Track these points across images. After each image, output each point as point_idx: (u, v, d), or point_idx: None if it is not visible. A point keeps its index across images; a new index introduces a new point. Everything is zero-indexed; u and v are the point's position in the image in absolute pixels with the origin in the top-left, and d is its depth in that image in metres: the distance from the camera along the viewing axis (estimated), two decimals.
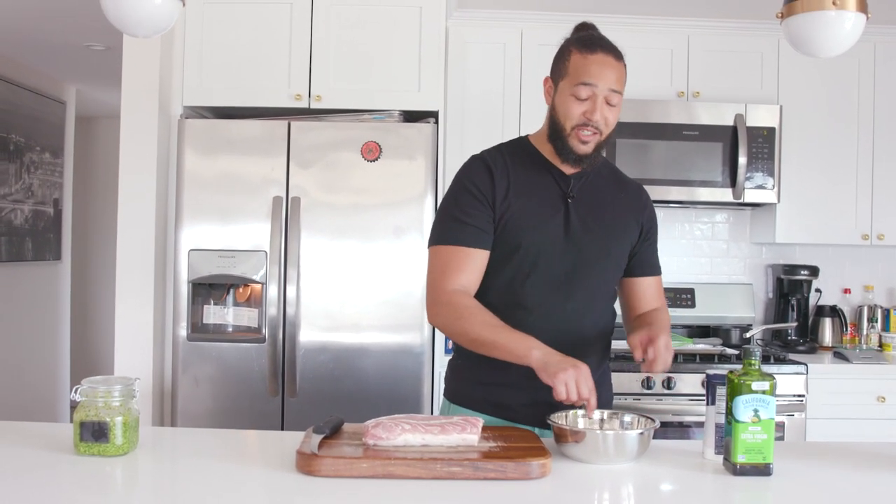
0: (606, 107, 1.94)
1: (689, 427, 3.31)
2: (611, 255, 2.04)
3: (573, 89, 1.93)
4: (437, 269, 1.98)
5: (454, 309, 1.93)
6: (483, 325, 1.89)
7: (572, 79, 1.93)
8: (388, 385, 3.27)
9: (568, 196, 2.02)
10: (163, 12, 1.97)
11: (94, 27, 4.26)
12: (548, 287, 1.99)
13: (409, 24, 3.42)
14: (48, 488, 1.50)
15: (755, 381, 1.64)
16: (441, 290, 1.95)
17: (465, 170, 2.04)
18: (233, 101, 3.43)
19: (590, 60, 1.92)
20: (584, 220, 2.01)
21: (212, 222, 3.28)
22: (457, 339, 1.97)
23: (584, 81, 1.91)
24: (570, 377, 1.74)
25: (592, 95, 1.92)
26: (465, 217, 1.97)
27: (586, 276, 2.01)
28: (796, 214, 3.80)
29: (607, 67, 1.92)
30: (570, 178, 2.03)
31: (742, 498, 1.57)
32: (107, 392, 1.69)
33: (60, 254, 5.91)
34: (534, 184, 2.01)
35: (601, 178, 2.08)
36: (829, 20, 1.92)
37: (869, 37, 3.37)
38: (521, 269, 1.99)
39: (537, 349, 1.82)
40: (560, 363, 1.77)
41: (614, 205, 2.07)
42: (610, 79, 1.92)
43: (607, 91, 1.92)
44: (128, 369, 3.30)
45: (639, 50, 3.74)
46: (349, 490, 1.50)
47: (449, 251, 1.97)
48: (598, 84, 1.91)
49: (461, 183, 2.01)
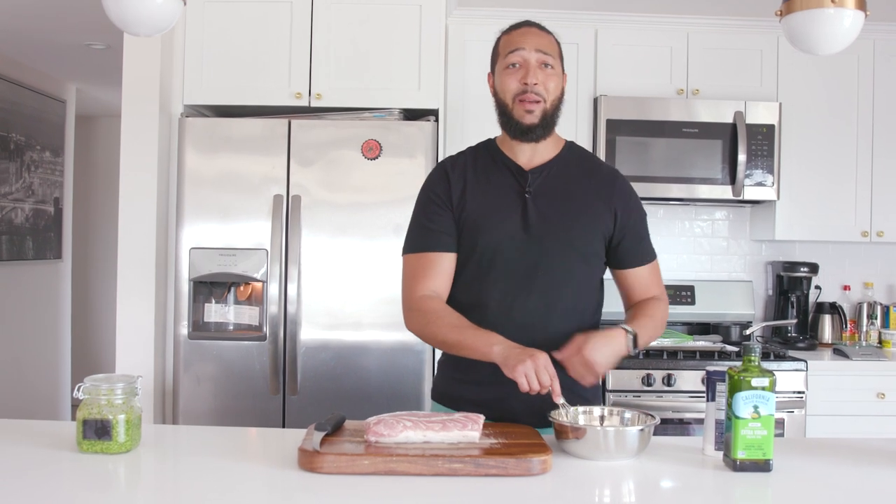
0: (542, 71, 1.97)
1: (690, 424, 3.32)
2: (575, 247, 2.00)
3: (505, 61, 2.00)
4: (407, 276, 2.05)
5: (423, 314, 1.98)
6: (449, 327, 1.93)
7: (502, 55, 2.01)
8: (389, 383, 3.27)
9: (525, 191, 2.00)
10: (164, 11, 1.97)
11: (94, 26, 4.26)
12: (508, 284, 1.98)
13: (408, 22, 3.42)
14: (51, 486, 1.51)
15: (755, 377, 1.65)
16: (410, 296, 2.02)
17: (428, 178, 2.12)
18: (233, 100, 3.44)
19: (513, 34, 2.02)
20: (544, 214, 1.99)
21: (213, 221, 3.29)
22: (430, 342, 2.02)
23: (511, 49, 1.98)
24: (528, 368, 1.76)
25: (523, 61, 1.98)
26: (427, 223, 2.03)
27: (549, 271, 1.99)
28: (796, 211, 3.81)
29: (531, 34, 2.00)
30: (528, 173, 2.02)
31: (742, 494, 1.58)
32: (109, 390, 1.70)
33: (61, 253, 5.92)
34: (491, 182, 2.03)
35: (568, 170, 2.05)
36: (828, 17, 1.92)
37: (868, 34, 3.37)
38: (479, 267, 2.00)
39: (498, 345, 1.84)
40: (518, 356, 1.79)
41: (582, 196, 2.03)
42: (535, 42, 1.98)
43: (537, 54, 1.97)
44: (129, 368, 3.31)
45: (638, 47, 3.76)
46: (351, 487, 1.51)
47: (415, 258, 2.04)
48: (525, 46, 1.97)
49: (424, 191, 2.09)
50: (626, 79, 3.77)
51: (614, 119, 3.65)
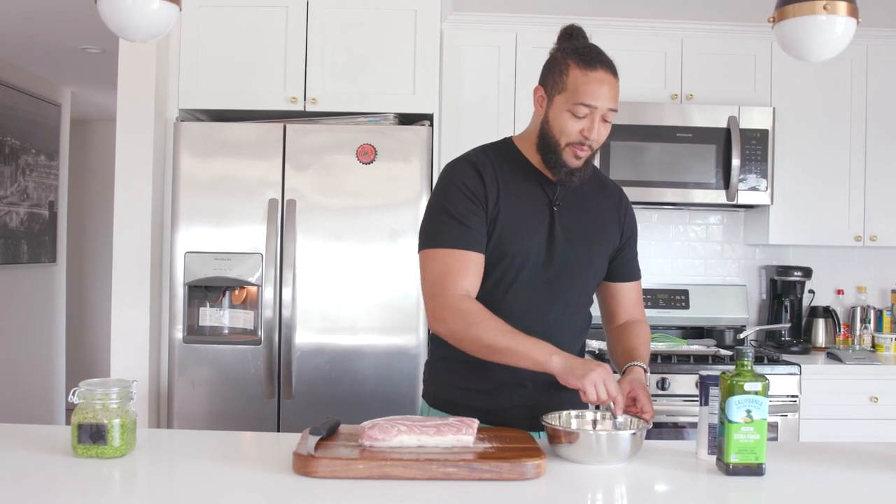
0: (602, 124, 1.91)
1: (684, 428, 3.32)
2: (593, 263, 2.03)
3: (571, 107, 1.88)
4: (439, 272, 1.90)
5: (465, 315, 1.86)
6: (497, 331, 1.83)
7: (571, 96, 1.88)
8: (383, 387, 3.28)
9: (554, 204, 1.99)
10: (160, 17, 1.97)
11: (89, 30, 4.26)
12: (529, 296, 1.97)
13: (403, 27, 3.43)
14: (46, 490, 1.51)
15: (748, 381, 1.66)
16: (448, 294, 1.87)
17: (454, 172, 1.98)
18: (228, 104, 3.44)
19: (591, 78, 1.87)
20: (567, 228, 1.99)
21: (208, 225, 3.29)
22: (466, 345, 1.88)
23: (585, 102, 1.87)
24: (597, 378, 1.77)
25: (591, 114, 1.89)
26: (462, 219, 1.90)
27: (568, 285, 1.99)
28: (789, 216, 3.82)
29: (607, 86, 1.88)
30: (556, 185, 2.00)
31: (735, 498, 1.59)
32: (104, 394, 1.70)
33: (56, 256, 5.91)
34: (521, 190, 1.97)
35: (584, 183, 2.03)
36: (820, 24, 1.93)
37: (861, 40, 3.39)
38: (505, 276, 1.96)
39: (557, 355, 1.82)
40: (584, 365, 1.79)
41: (597, 210, 2.05)
42: (609, 97, 1.89)
43: (605, 110, 1.89)
44: (124, 372, 3.30)
45: (633, 52, 3.76)
46: (345, 491, 1.51)
47: (450, 254, 1.89)
48: (599, 105, 1.88)
49: (453, 184, 1.94)
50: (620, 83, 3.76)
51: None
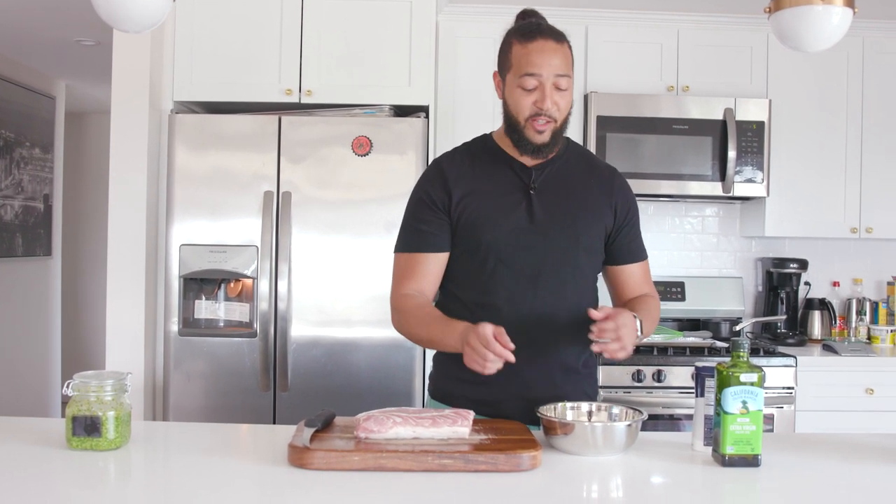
0: (556, 92, 1.92)
1: (680, 420, 3.33)
2: (580, 243, 2.01)
3: (519, 81, 1.92)
4: (394, 276, 2.06)
5: (401, 313, 2.01)
6: (420, 323, 1.96)
7: (516, 70, 1.92)
8: (379, 379, 3.27)
9: (530, 188, 2.00)
10: (153, 7, 1.96)
11: (83, 22, 4.24)
12: (515, 280, 1.98)
13: (399, 18, 3.42)
14: (41, 483, 1.51)
15: (743, 372, 1.66)
16: (393, 295, 2.04)
17: (422, 177, 2.09)
18: (223, 97, 3.43)
19: (530, 49, 1.90)
20: (550, 210, 1.99)
21: (203, 217, 3.28)
22: (410, 339, 2.04)
23: (528, 72, 1.90)
24: (471, 361, 1.75)
25: (539, 84, 1.90)
26: (416, 223, 2.02)
27: (556, 266, 1.99)
28: (785, 208, 3.82)
29: (548, 53, 1.90)
30: (532, 169, 2.01)
31: (731, 489, 1.59)
32: (99, 386, 1.69)
33: (51, 249, 5.90)
34: (493, 180, 2.01)
35: (569, 166, 2.05)
36: (816, 15, 1.92)
37: (857, 31, 3.39)
38: (485, 264, 1.98)
39: (458, 337, 1.82)
40: (464, 347, 1.78)
41: (584, 191, 2.04)
42: (553, 64, 1.90)
43: (553, 77, 1.90)
44: (119, 364, 3.30)
45: (628, 44, 3.76)
46: (341, 483, 1.51)
47: (402, 258, 2.05)
48: (543, 72, 1.89)
49: (416, 191, 2.07)
50: (616, 75, 3.77)
51: (605, 115, 3.66)
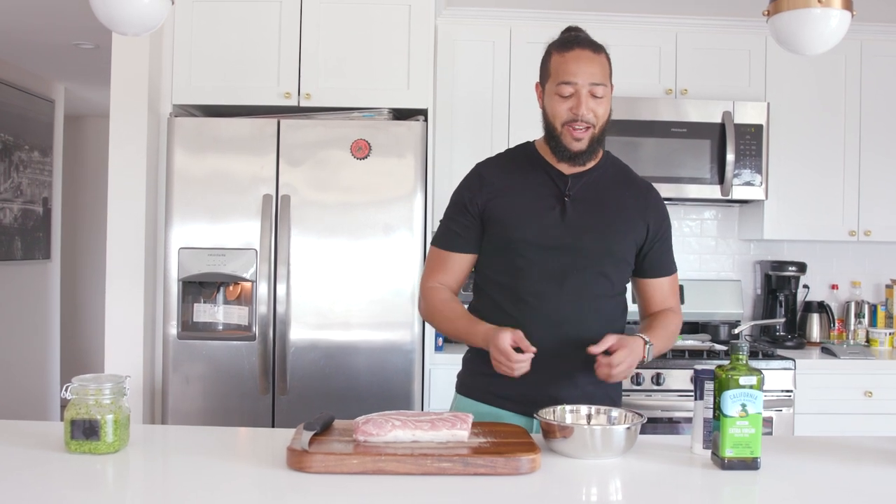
0: (592, 100, 2.00)
1: (679, 423, 3.33)
2: (609, 252, 2.06)
3: (556, 89, 2.00)
4: (426, 266, 2.21)
5: (429, 305, 2.15)
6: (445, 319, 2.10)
7: (554, 79, 2.02)
8: (378, 382, 3.27)
9: (565, 195, 2.05)
10: (152, 11, 1.97)
11: (82, 25, 4.25)
12: (542, 282, 2.03)
13: (398, 22, 3.42)
14: (39, 486, 1.51)
15: (742, 375, 1.66)
16: (423, 285, 2.18)
17: (463, 179, 2.18)
18: (222, 100, 3.43)
19: (567, 58, 2.00)
20: (583, 217, 2.04)
21: (202, 221, 3.28)
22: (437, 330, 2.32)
23: (565, 80, 1.99)
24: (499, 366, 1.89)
25: (575, 91, 1.99)
26: (450, 223, 2.14)
27: (584, 270, 2.04)
28: (784, 211, 3.82)
29: (584, 62, 1.99)
30: (569, 177, 2.07)
31: (730, 492, 1.59)
32: (97, 390, 1.69)
33: (50, 253, 5.90)
34: (528, 183, 2.08)
35: (606, 177, 2.12)
36: (815, 18, 1.93)
37: (855, 34, 3.39)
38: (514, 262, 2.05)
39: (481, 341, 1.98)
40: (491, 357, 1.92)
41: (618, 203, 2.10)
42: (589, 72, 1.99)
43: (589, 85, 1.99)
44: (118, 368, 3.30)
45: (627, 47, 3.76)
46: (339, 486, 1.51)
47: (434, 252, 2.18)
48: (578, 80, 1.98)
49: (456, 192, 2.18)
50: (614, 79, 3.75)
51: None
